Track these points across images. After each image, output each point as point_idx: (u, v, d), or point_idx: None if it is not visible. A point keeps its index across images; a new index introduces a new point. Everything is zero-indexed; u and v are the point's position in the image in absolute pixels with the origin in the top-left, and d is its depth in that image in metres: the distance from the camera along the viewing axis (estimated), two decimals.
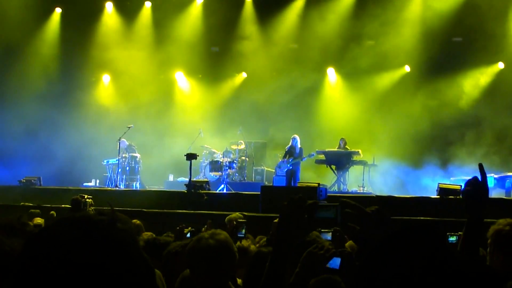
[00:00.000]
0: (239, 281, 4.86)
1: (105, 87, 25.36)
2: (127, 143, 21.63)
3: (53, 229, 1.60)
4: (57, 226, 1.61)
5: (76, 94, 24.31)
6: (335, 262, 3.67)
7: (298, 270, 3.76)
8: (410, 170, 20.17)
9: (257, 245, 6.85)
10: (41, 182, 18.80)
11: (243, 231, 6.28)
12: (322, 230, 5.99)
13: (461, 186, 14.40)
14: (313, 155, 20.01)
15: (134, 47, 23.85)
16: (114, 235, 1.59)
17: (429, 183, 18.21)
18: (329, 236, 5.93)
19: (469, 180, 3.08)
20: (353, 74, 23.41)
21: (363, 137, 21.24)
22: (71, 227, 1.59)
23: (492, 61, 21.85)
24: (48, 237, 1.58)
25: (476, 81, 22.15)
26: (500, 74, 21.94)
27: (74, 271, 1.51)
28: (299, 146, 19.84)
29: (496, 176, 18.41)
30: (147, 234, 7.26)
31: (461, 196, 12.54)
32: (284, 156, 19.93)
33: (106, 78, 25.25)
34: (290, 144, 19.92)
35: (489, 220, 4.95)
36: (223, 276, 3.93)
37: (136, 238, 1.68)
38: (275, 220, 6.75)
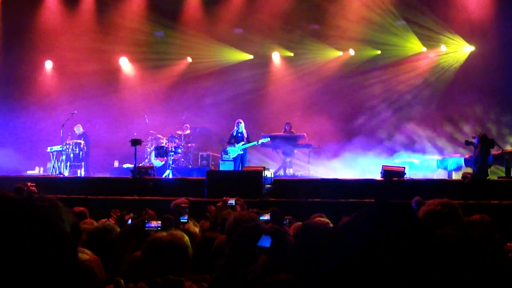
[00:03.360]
0: None
1: (48, 74, 24.89)
2: (82, 130, 21.33)
3: None
4: None
5: (19, 81, 23.89)
6: (266, 240, 3.63)
7: (231, 251, 3.73)
8: (355, 153, 20.34)
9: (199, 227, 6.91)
10: None
11: (186, 216, 6.31)
12: (260, 211, 5.99)
13: (404, 167, 14.60)
14: (268, 138, 19.83)
15: (77, 32, 23.50)
16: (30, 211, 1.63)
17: (373, 165, 18.37)
18: (267, 216, 5.93)
19: None
20: (297, 58, 23.54)
21: (308, 121, 21.34)
22: None
23: (435, 44, 22.16)
24: None
25: (419, 64, 22.47)
26: (444, 56, 22.26)
27: None
28: (244, 130, 19.73)
29: (439, 157, 18.73)
30: (88, 222, 7.12)
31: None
32: (229, 141, 19.75)
33: (48, 64, 24.78)
34: (235, 129, 19.80)
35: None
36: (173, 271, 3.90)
37: (53, 214, 1.73)
38: (218, 204, 6.82)
